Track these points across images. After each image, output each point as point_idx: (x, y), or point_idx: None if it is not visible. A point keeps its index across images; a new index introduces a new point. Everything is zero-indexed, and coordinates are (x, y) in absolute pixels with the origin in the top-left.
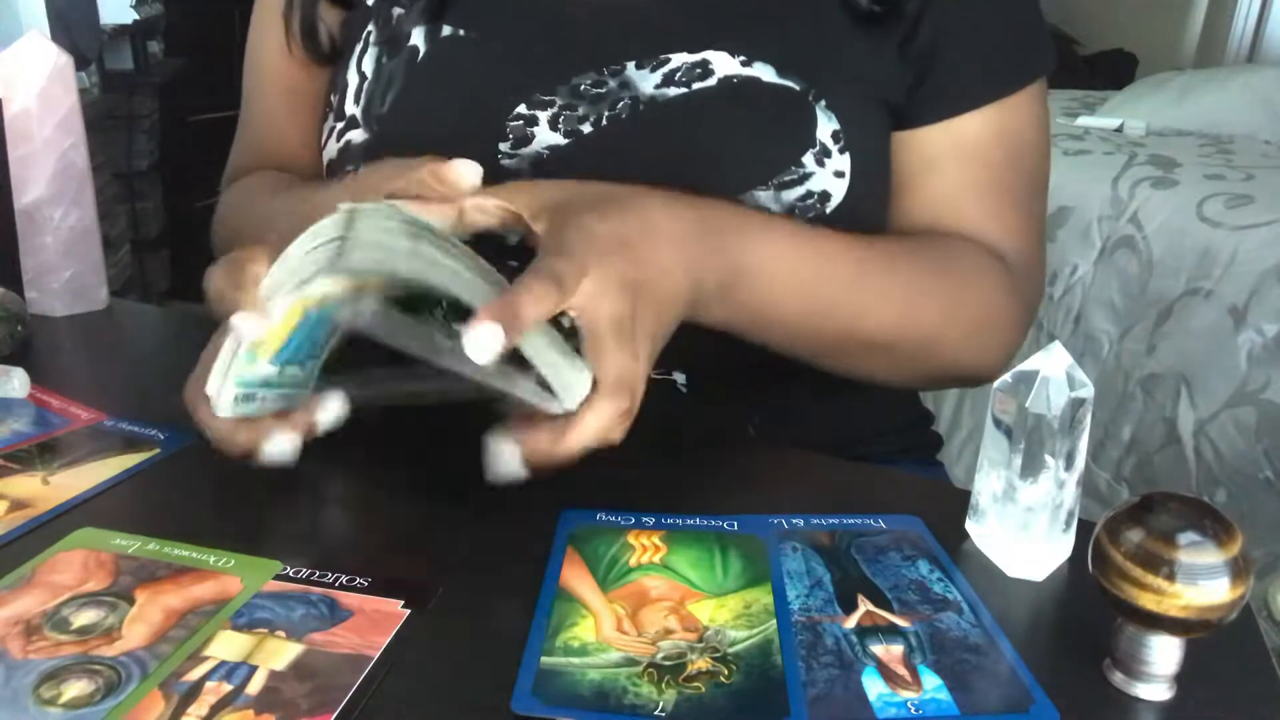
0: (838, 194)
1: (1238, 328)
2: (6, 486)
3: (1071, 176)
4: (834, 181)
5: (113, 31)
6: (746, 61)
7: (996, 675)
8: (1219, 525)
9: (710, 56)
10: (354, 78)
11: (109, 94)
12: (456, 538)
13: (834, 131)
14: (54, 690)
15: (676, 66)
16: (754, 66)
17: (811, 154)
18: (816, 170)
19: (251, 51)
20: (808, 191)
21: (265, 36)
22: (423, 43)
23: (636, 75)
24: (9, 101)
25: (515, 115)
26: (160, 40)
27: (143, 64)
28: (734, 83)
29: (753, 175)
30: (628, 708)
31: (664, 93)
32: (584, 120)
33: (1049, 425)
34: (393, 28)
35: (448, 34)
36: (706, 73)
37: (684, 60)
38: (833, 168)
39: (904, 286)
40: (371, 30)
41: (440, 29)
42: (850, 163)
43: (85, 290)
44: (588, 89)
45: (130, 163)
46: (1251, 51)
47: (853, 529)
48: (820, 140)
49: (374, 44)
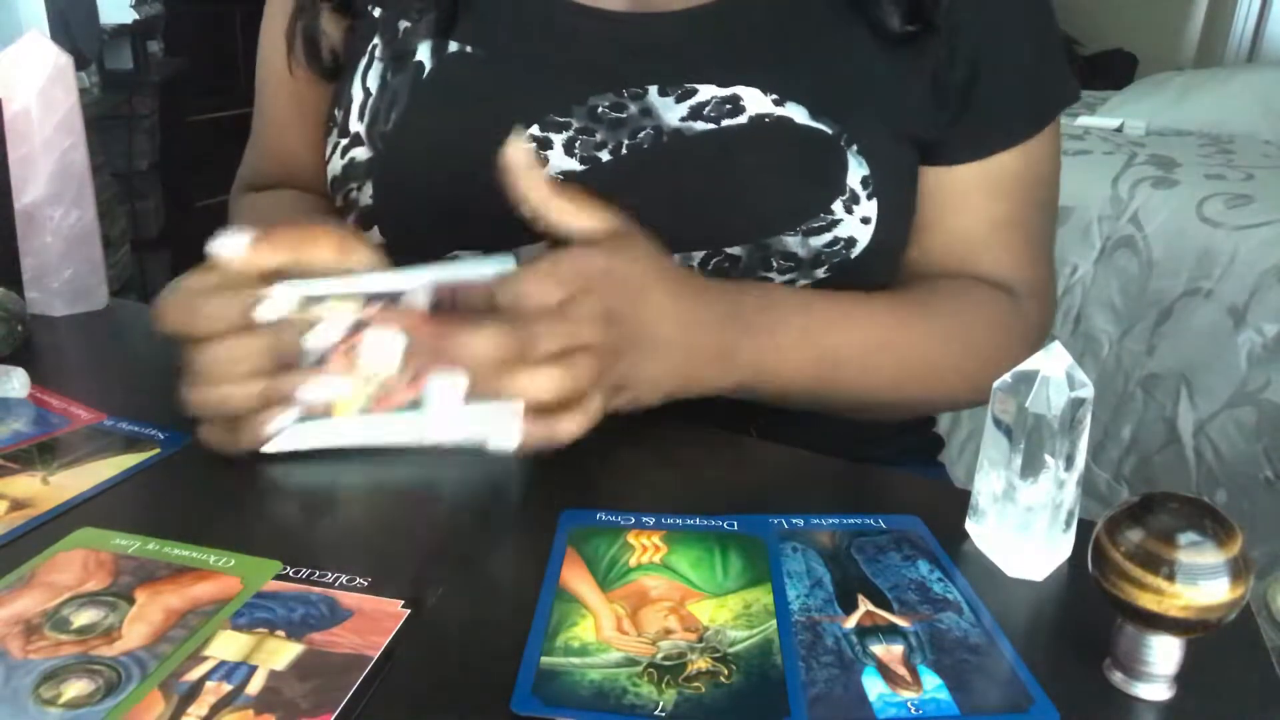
0: (863, 240)
1: (1238, 328)
2: (6, 486)
3: (1071, 176)
4: (860, 228)
5: (113, 31)
6: (779, 100)
7: (996, 675)
8: (1219, 525)
9: (741, 92)
10: (358, 93)
11: (109, 94)
12: (456, 538)
13: (863, 177)
14: (54, 690)
15: (705, 100)
16: (786, 106)
17: (841, 201)
18: (845, 217)
19: (260, 59)
20: (835, 238)
21: (271, 47)
22: (429, 59)
23: (660, 103)
24: (9, 101)
25: (528, 138)
26: (160, 40)
27: (143, 64)
28: (766, 122)
29: (782, 221)
30: (628, 708)
31: (691, 126)
32: (602, 147)
33: (1049, 425)
34: (399, 42)
35: (455, 50)
36: (737, 110)
37: (713, 94)
38: (860, 214)
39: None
40: (377, 44)
41: (447, 45)
42: (877, 209)
43: (85, 290)
44: (606, 112)
45: (130, 163)
46: (1251, 51)
47: (853, 529)
48: (850, 187)
49: (379, 59)
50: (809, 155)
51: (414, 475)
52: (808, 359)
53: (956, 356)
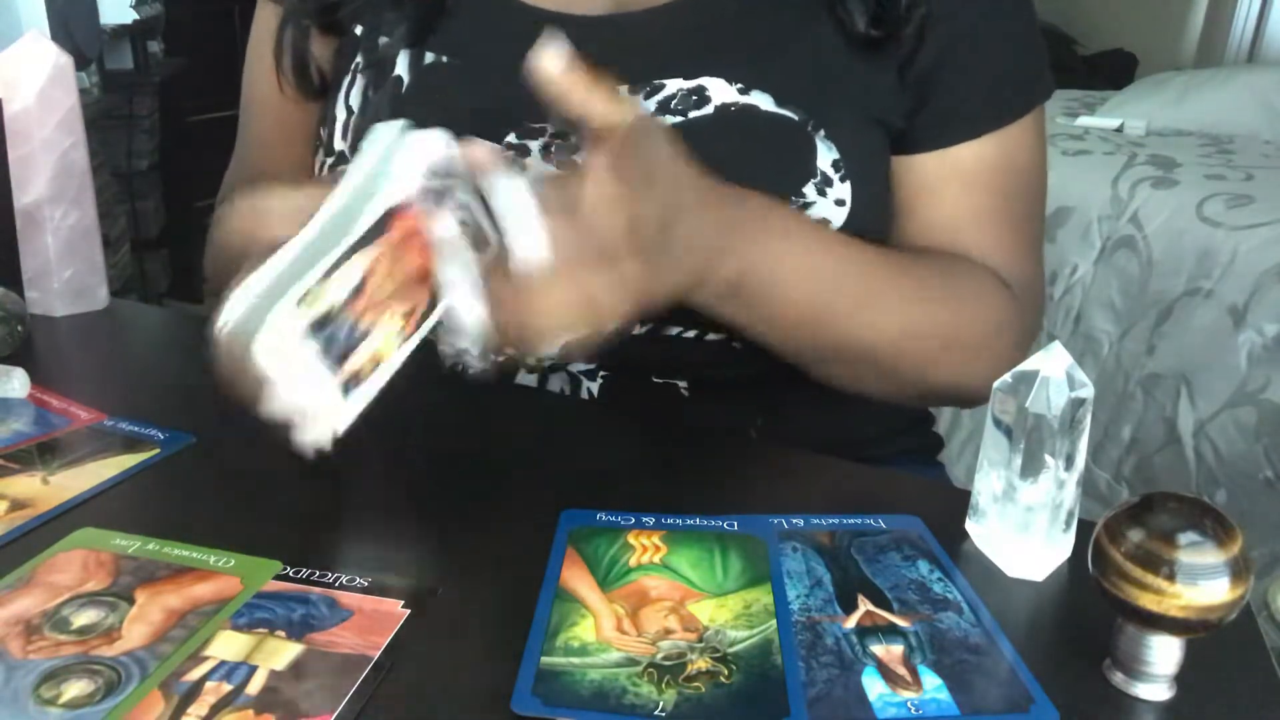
0: (838, 221)
1: (1238, 328)
2: (6, 486)
3: (1071, 176)
4: (835, 210)
5: (113, 31)
6: (744, 89)
7: (996, 675)
8: (1219, 525)
9: (706, 83)
10: (341, 112)
11: (109, 94)
12: (456, 538)
13: (834, 161)
14: (54, 690)
15: (672, 94)
16: (751, 95)
17: (813, 184)
18: (818, 200)
19: (246, 76)
20: None
21: (258, 65)
22: (406, 72)
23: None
24: (9, 101)
25: (505, 144)
26: (160, 40)
27: (143, 64)
28: (731, 111)
29: None
30: (628, 708)
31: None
32: (577, 150)
33: (1049, 425)
34: (377, 55)
35: (430, 61)
36: (703, 100)
37: (679, 87)
38: (834, 196)
39: (909, 302)
40: (359, 62)
41: (423, 56)
42: (851, 191)
43: (85, 290)
44: None
45: (130, 163)
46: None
47: (853, 529)
48: (821, 170)
49: (360, 74)
50: (776, 141)
51: (414, 475)
52: (806, 267)
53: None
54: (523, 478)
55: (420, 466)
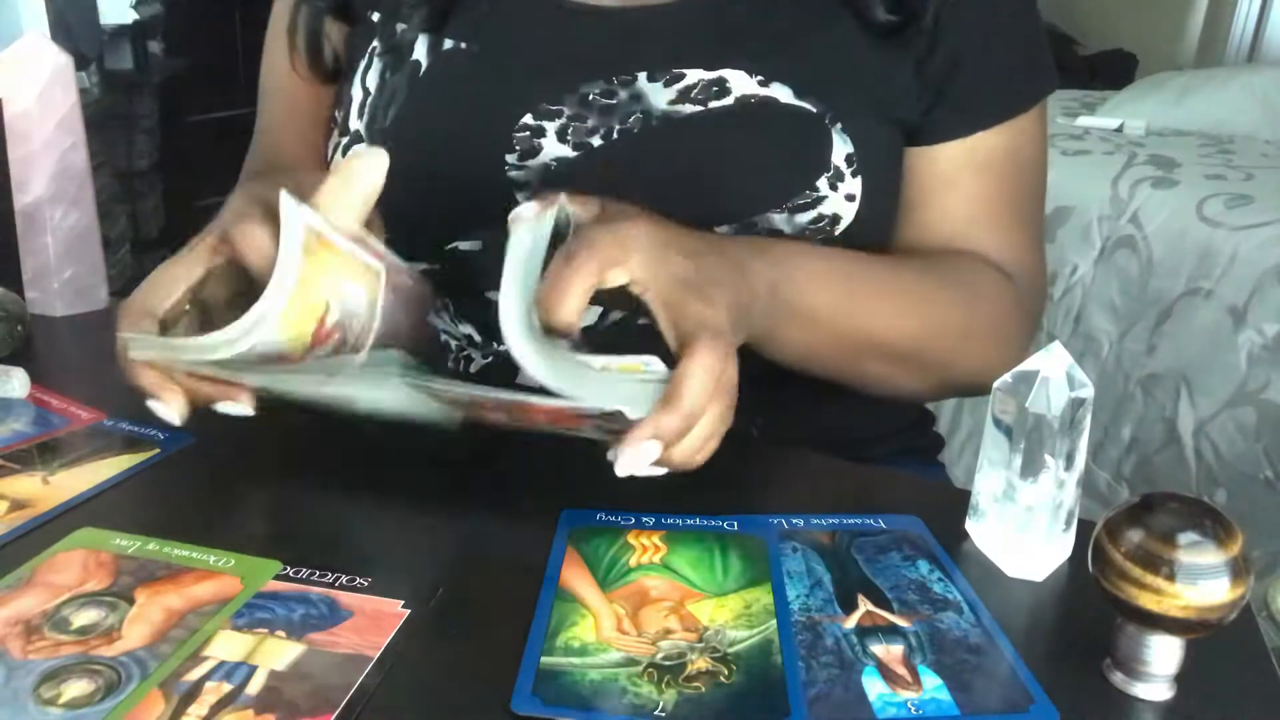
0: (847, 217)
1: (1238, 328)
2: (6, 486)
3: (1071, 176)
4: (845, 205)
5: (113, 31)
6: (764, 81)
7: (996, 675)
8: (1219, 525)
9: (727, 74)
10: (358, 93)
11: (109, 94)
12: (456, 538)
13: (848, 155)
14: (54, 690)
15: (693, 83)
16: (771, 87)
17: (826, 178)
18: (829, 194)
19: (265, 68)
20: (819, 215)
21: (276, 51)
22: (425, 56)
23: (649, 88)
24: (9, 101)
25: (522, 126)
26: (160, 40)
27: (143, 64)
28: (751, 103)
29: (768, 198)
30: (628, 708)
31: (679, 110)
32: (593, 133)
33: (1049, 425)
34: (395, 40)
35: (449, 47)
36: (723, 91)
37: (700, 77)
38: (844, 191)
39: (925, 300)
40: (376, 46)
41: (442, 42)
42: (861, 186)
43: (85, 290)
44: (596, 99)
45: (130, 163)
46: (1251, 51)
47: (853, 529)
48: (835, 164)
49: (378, 58)
50: (794, 133)
51: (414, 476)
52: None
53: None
54: (523, 478)
55: (421, 467)
